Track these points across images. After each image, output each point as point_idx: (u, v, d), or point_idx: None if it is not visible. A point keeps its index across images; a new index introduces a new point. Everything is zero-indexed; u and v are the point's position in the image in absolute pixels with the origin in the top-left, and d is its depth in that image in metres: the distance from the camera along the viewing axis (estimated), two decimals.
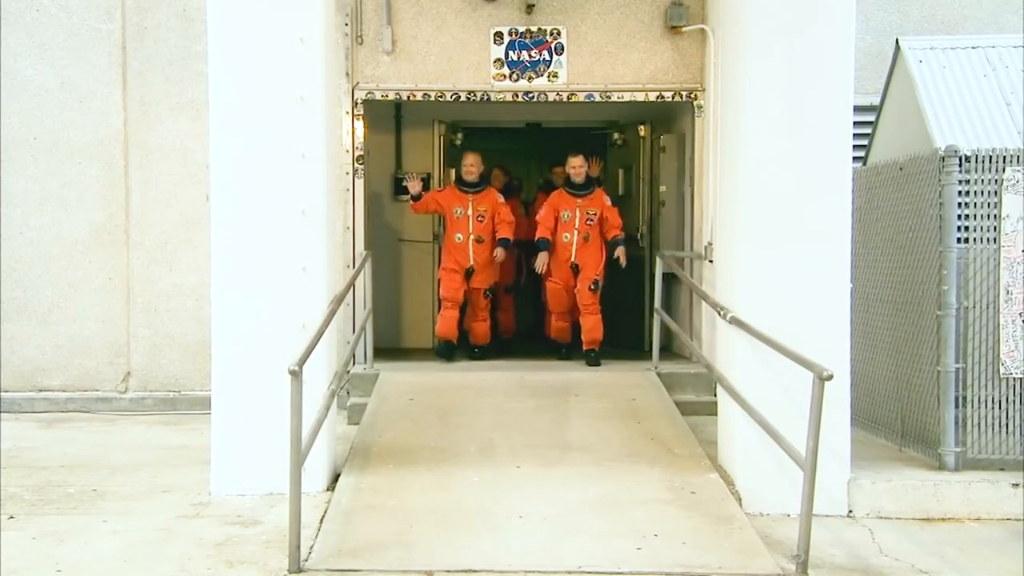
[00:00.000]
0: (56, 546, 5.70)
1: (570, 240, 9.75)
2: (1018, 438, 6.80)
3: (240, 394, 6.55)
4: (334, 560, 5.43)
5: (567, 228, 9.75)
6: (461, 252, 9.75)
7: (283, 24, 6.59)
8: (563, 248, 9.79)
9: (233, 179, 6.61)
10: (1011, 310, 6.81)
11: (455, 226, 9.76)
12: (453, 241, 9.77)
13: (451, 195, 9.83)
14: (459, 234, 9.72)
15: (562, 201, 9.81)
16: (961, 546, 5.97)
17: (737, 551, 5.63)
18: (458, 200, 9.76)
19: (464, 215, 9.71)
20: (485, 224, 9.76)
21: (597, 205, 9.76)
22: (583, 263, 9.76)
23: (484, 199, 9.80)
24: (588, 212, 9.72)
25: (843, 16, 6.48)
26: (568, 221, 9.73)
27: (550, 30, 8.86)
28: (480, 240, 9.73)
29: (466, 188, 9.79)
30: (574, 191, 9.76)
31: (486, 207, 9.76)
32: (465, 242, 9.71)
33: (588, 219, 9.74)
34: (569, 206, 9.73)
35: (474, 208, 9.71)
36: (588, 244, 9.75)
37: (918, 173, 7.09)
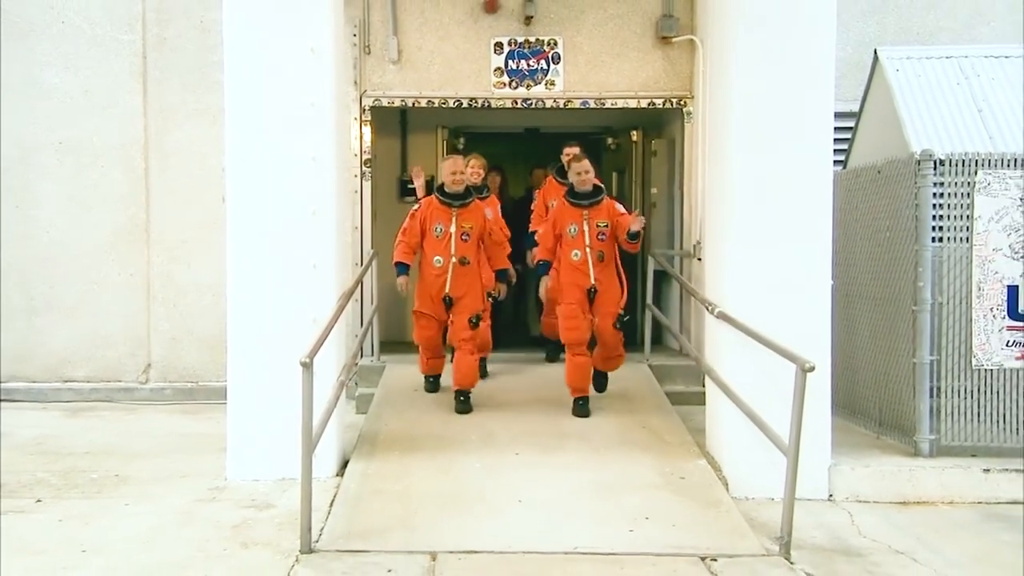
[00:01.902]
0: (81, 528, 5.71)
1: (581, 259, 7.67)
2: (989, 426, 6.81)
3: (254, 385, 6.55)
4: (343, 541, 5.44)
5: (575, 245, 7.69)
6: (439, 280, 7.72)
7: (295, 35, 6.58)
8: (573, 270, 7.70)
9: (248, 181, 6.60)
10: (983, 305, 6.81)
11: (434, 247, 7.72)
12: (430, 266, 7.73)
13: (428, 210, 7.78)
14: (438, 257, 7.70)
15: (566, 214, 7.79)
16: (935, 528, 5.98)
17: (724, 533, 5.64)
18: (438, 215, 7.72)
19: (445, 233, 7.70)
20: (470, 244, 7.77)
21: (607, 215, 7.70)
22: (601, 288, 7.69)
23: (470, 214, 7.78)
24: (598, 225, 7.66)
25: (824, 27, 6.48)
26: (576, 237, 7.68)
27: (547, 40, 8.86)
28: (464, 262, 7.71)
29: (448, 200, 7.74)
30: (577, 200, 7.75)
31: (472, 223, 7.77)
32: (445, 267, 7.69)
33: (600, 233, 7.67)
34: (574, 218, 7.71)
35: (458, 224, 7.70)
36: (604, 265, 7.69)
37: (895, 176, 7.10)
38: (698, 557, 5.26)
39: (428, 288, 7.78)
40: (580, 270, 7.68)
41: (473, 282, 7.83)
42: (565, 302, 7.73)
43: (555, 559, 5.20)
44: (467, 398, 7.76)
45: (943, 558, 5.46)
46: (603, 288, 7.69)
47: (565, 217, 7.78)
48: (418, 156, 11.01)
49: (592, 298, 7.67)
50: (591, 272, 7.65)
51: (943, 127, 7.13)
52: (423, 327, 7.90)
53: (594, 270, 7.65)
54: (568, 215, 7.76)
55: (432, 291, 7.76)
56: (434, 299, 7.75)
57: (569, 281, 7.74)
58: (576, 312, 7.66)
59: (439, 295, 7.73)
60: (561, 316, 7.79)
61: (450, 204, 7.75)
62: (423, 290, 7.82)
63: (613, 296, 7.73)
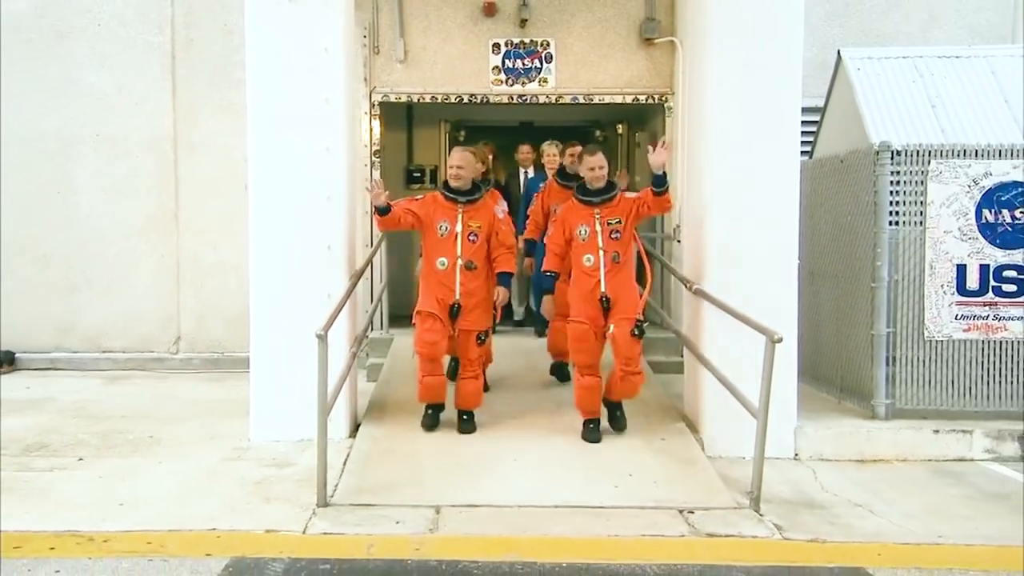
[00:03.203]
0: (119, 483, 5.73)
1: (594, 264, 6.30)
2: (939, 392, 6.83)
3: (274, 355, 6.56)
4: (356, 496, 5.46)
5: (588, 249, 6.33)
6: (445, 284, 6.36)
7: (310, 37, 6.56)
8: (585, 278, 6.35)
9: (268, 171, 6.59)
10: (934, 283, 6.82)
11: (437, 247, 6.40)
12: (434, 268, 6.39)
13: (433, 205, 6.47)
14: (443, 258, 6.36)
15: (574, 214, 6.44)
16: (890, 483, 6.02)
17: (700, 489, 5.66)
18: (443, 212, 6.42)
19: (450, 232, 6.38)
20: (479, 246, 6.42)
21: (622, 212, 6.38)
22: (616, 295, 6.30)
23: (479, 212, 6.47)
24: (610, 223, 6.33)
25: (792, 31, 6.47)
26: (588, 240, 6.33)
27: (541, 42, 8.81)
28: (471, 266, 6.37)
29: (454, 196, 6.45)
30: (588, 198, 6.42)
31: (480, 222, 6.45)
32: (451, 269, 6.35)
33: (613, 232, 6.32)
34: (585, 219, 6.37)
35: (464, 223, 6.39)
36: (620, 268, 6.34)
37: (856, 165, 7.09)
38: (677, 510, 5.28)
39: (434, 291, 6.40)
40: (592, 277, 6.31)
41: (482, 292, 6.48)
42: (575, 319, 6.39)
43: (547, 512, 5.22)
44: (471, 418, 6.59)
45: (897, 510, 5.49)
46: (618, 294, 6.30)
47: (574, 217, 6.43)
48: (422, 147, 11.07)
49: (607, 307, 6.30)
50: (603, 279, 6.29)
51: (900, 121, 7.11)
52: (428, 329, 6.31)
53: (607, 276, 6.29)
54: (577, 215, 6.42)
55: (439, 294, 6.38)
56: (441, 303, 6.37)
57: (580, 292, 6.37)
58: (588, 333, 6.32)
59: (447, 300, 6.38)
60: (572, 334, 6.42)
61: (456, 200, 6.43)
62: (428, 291, 6.42)
63: (630, 301, 6.34)
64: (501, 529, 4.99)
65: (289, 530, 4.97)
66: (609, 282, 6.30)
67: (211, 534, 4.90)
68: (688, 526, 5.09)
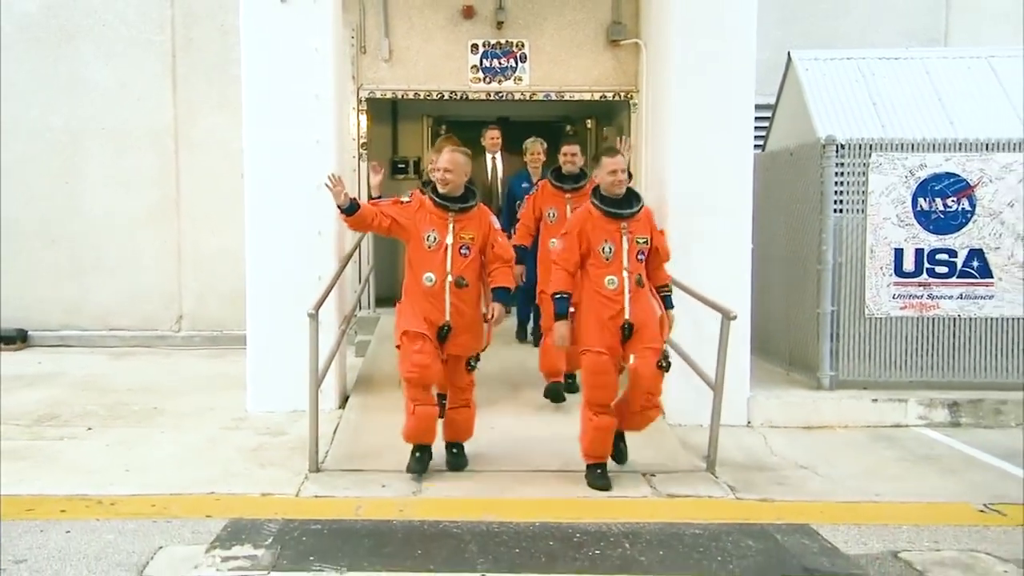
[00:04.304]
0: (125, 451, 5.71)
1: (617, 287, 5.00)
2: (878, 364, 6.90)
3: (269, 333, 6.53)
4: (345, 462, 5.46)
5: (611, 269, 5.02)
6: (432, 303, 5.08)
7: (301, 37, 6.52)
8: (605, 303, 5.03)
9: (262, 162, 6.56)
10: (874, 265, 6.87)
11: (424, 261, 5.10)
12: (420, 285, 5.10)
13: (420, 212, 5.15)
14: (430, 273, 5.06)
15: (596, 228, 5.06)
16: (833, 448, 6.08)
17: (662, 453, 5.69)
18: (431, 221, 5.12)
19: (439, 244, 5.08)
20: (471, 260, 5.13)
21: (647, 229, 5.16)
22: (639, 321, 5.05)
23: (472, 221, 5.16)
24: (638, 241, 5.07)
25: (746, 33, 6.48)
26: (611, 259, 5.02)
27: (516, 42, 8.75)
28: (462, 283, 5.09)
29: (444, 204, 5.11)
30: (615, 210, 5.06)
31: (474, 233, 5.14)
32: (439, 286, 5.06)
33: (640, 252, 5.08)
34: (610, 234, 5.04)
35: (456, 234, 5.09)
36: (643, 292, 5.15)
37: (805, 158, 7.12)
38: (640, 473, 5.33)
39: (421, 309, 5.10)
40: (615, 302, 5.00)
41: (474, 313, 5.21)
42: (593, 349, 5.03)
43: (523, 475, 5.25)
44: (462, 451, 5.41)
45: (839, 471, 5.55)
46: (641, 320, 5.05)
47: (597, 231, 5.05)
48: (407, 140, 10.98)
49: (628, 335, 5.06)
50: (627, 304, 5.01)
51: (844, 117, 7.13)
52: (418, 351, 4.98)
53: (631, 302, 5.02)
54: (600, 229, 5.05)
55: (426, 313, 5.08)
56: (430, 324, 5.07)
57: (598, 318, 5.03)
58: (607, 365, 5.02)
59: (435, 321, 5.08)
60: (589, 367, 5.08)
61: (446, 208, 5.11)
62: (414, 309, 5.12)
63: (654, 328, 5.12)
64: (479, 492, 5.01)
65: (283, 493, 4.97)
66: (633, 307, 5.02)
67: (211, 497, 4.89)
68: (651, 488, 5.13)
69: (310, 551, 4.16)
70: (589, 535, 4.38)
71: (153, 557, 4.11)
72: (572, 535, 4.40)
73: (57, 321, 9.51)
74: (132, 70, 9.47)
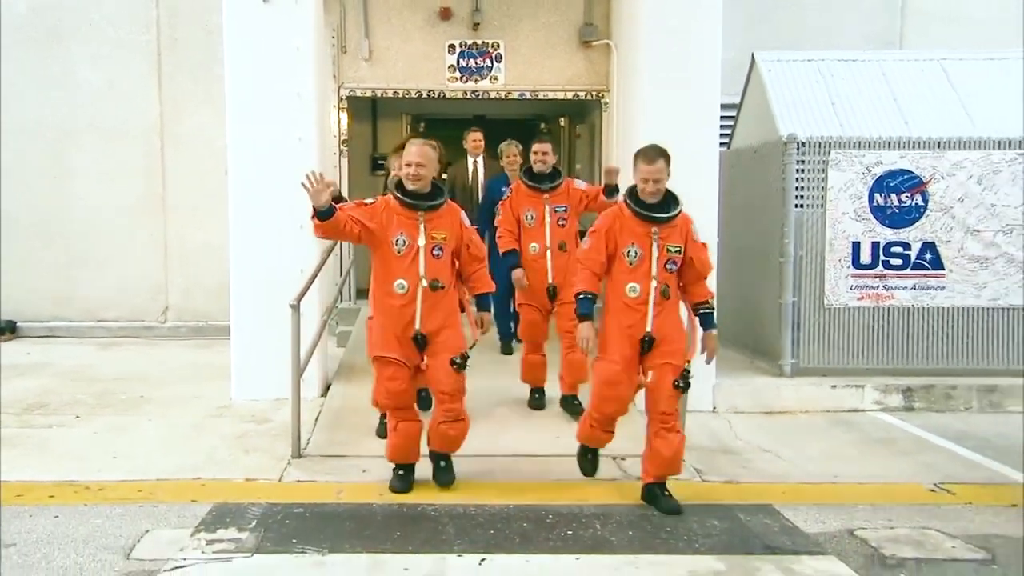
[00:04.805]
0: (112, 438, 5.67)
1: (639, 296, 4.45)
2: (836, 352, 6.95)
3: (253, 323, 6.49)
4: (326, 448, 5.45)
5: (635, 276, 4.46)
6: (403, 314, 4.54)
7: (283, 37, 6.47)
8: (626, 311, 4.50)
9: (246, 158, 6.51)
10: (833, 257, 6.92)
11: (395, 267, 4.53)
12: (390, 294, 4.54)
13: (386, 214, 4.54)
14: (402, 280, 4.51)
15: (625, 229, 4.50)
16: (794, 432, 6.14)
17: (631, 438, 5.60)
18: (399, 222, 4.53)
19: (410, 247, 4.51)
20: (443, 261, 4.60)
21: (681, 238, 4.52)
22: (661, 335, 4.48)
23: (443, 220, 4.61)
24: (669, 249, 4.47)
25: (712, 35, 6.50)
26: (637, 265, 4.46)
27: (491, 43, 8.73)
28: (437, 286, 4.53)
29: (413, 202, 4.54)
30: (646, 212, 4.47)
31: (446, 232, 4.60)
32: (411, 293, 4.50)
33: (670, 262, 4.47)
34: (639, 238, 4.47)
35: (427, 235, 4.52)
36: (668, 304, 4.53)
37: (768, 155, 7.16)
38: (611, 457, 5.30)
39: (391, 324, 4.56)
40: (636, 312, 4.47)
41: (450, 312, 4.67)
42: (607, 358, 4.54)
43: (497, 460, 5.24)
44: (449, 464, 4.84)
45: (800, 454, 5.61)
46: (664, 335, 4.48)
47: (625, 232, 4.49)
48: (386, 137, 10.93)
49: (647, 349, 4.49)
50: (650, 315, 4.45)
51: (805, 116, 7.17)
52: (390, 378, 4.58)
53: (654, 313, 4.46)
54: (629, 231, 4.49)
55: (397, 328, 4.55)
56: (401, 339, 4.56)
57: (618, 325, 4.52)
58: (619, 377, 4.51)
59: (407, 332, 4.55)
60: (598, 377, 4.60)
61: (415, 206, 4.54)
62: (384, 328, 4.62)
63: (677, 343, 4.53)
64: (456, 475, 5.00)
65: (266, 478, 4.95)
66: (656, 320, 4.46)
67: (196, 482, 4.87)
68: (621, 471, 5.16)
69: (293, 534, 4.15)
70: (561, 516, 4.40)
71: (140, 540, 4.09)
72: (545, 516, 4.41)
73: (46, 312, 9.39)
74: (119, 69, 9.37)
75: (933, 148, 6.87)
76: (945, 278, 6.92)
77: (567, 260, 5.78)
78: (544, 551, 4.00)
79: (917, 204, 6.90)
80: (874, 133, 6.98)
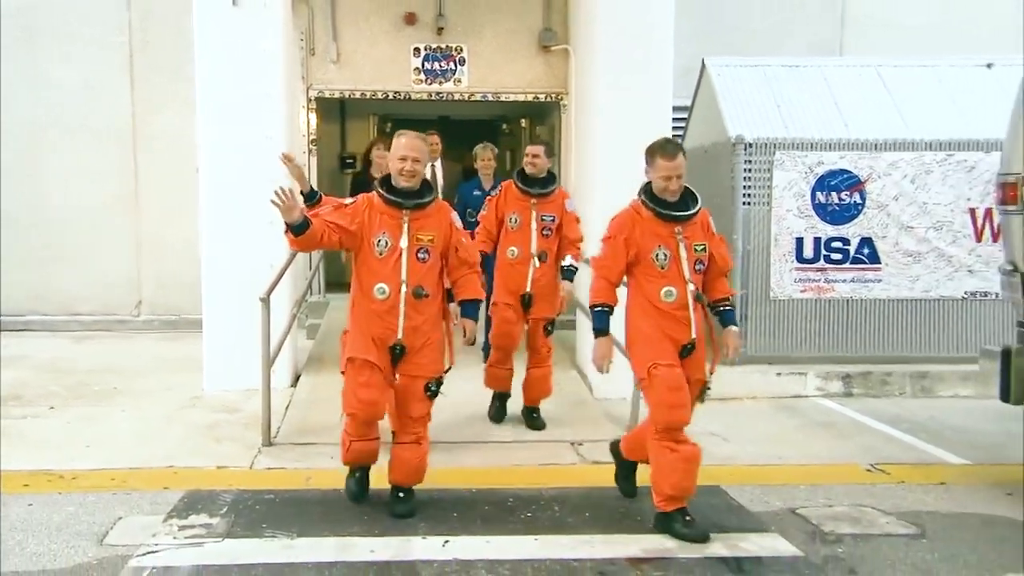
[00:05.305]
0: (86, 428, 5.58)
1: (677, 300, 3.97)
2: (781, 341, 7.04)
3: (225, 316, 6.40)
4: (296, 436, 5.40)
5: (669, 279, 3.97)
6: (384, 319, 4.02)
7: (252, 39, 6.39)
8: (665, 319, 4.00)
9: (216, 156, 6.43)
10: (778, 252, 7.01)
11: (376, 270, 4.02)
12: (370, 298, 4.03)
13: (368, 213, 4.04)
14: (382, 284, 3.99)
15: (647, 229, 4.02)
16: (741, 417, 6.20)
17: (589, 424, 5.74)
18: (382, 222, 4.02)
19: (393, 249, 4.00)
20: (431, 266, 4.08)
21: (703, 235, 4.12)
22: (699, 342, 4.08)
23: (430, 220, 4.09)
24: (696, 248, 4.04)
25: (664, 41, 6.55)
26: (667, 267, 3.98)
27: (455, 47, 8.68)
28: (421, 294, 4.02)
29: (398, 200, 4.02)
30: (669, 211, 4.02)
31: (432, 234, 4.07)
32: (393, 299, 3.99)
33: (698, 262, 4.05)
34: (664, 239, 4.00)
35: (412, 236, 4.01)
36: (700, 308, 4.09)
37: (717, 155, 7.23)
38: (569, 443, 5.37)
39: (369, 328, 4.05)
40: (676, 318, 3.98)
41: (434, 327, 4.13)
42: (662, 362, 3.97)
43: (464, 446, 5.25)
44: (409, 496, 4.22)
45: (746, 438, 5.67)
46: (700, 342, 4.09)
47: (647, 235, 4.01)
48: (354, 137, 10.85)
49: (685, 356, 4.04)
50: (692, 320, 4.00)
51: (752, 118, 7.24)
52: (364, 384, 4.01)
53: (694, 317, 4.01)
54: (651, 232, 4.01)
55: (376, 332, 4.03)
56: (379, 344, 4.04)
57: (659, 330, 4.00)
58: (682, 380, 3.98)
59: (386, 340, 4.03)
60: (660, 385, 3.95)
61: (400, 205, 4.01)
62: (361, 331, 4.07)
63: (701, 352, 4.13)
64: None
65: (238, 466, 4.90)
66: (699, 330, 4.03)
67: (168, 470, 4.80)
68: (578, 456, 5.18)
69: (263, 519, 4.11)
70: (522, 500, 4.40)
71: (113, 527, 4.02)
72: (506, 500, 4.42)
73: (22, 306, 9.16)
74: (92, 69, 9.17)
75: (870, 149, 6.99)
76: (881, 271, 7.04)
77: (546, 272, 5.41)
78: (505, 532, 4.01)
79: (856, 202, 7.00)
80: (816, 135, 7.07)
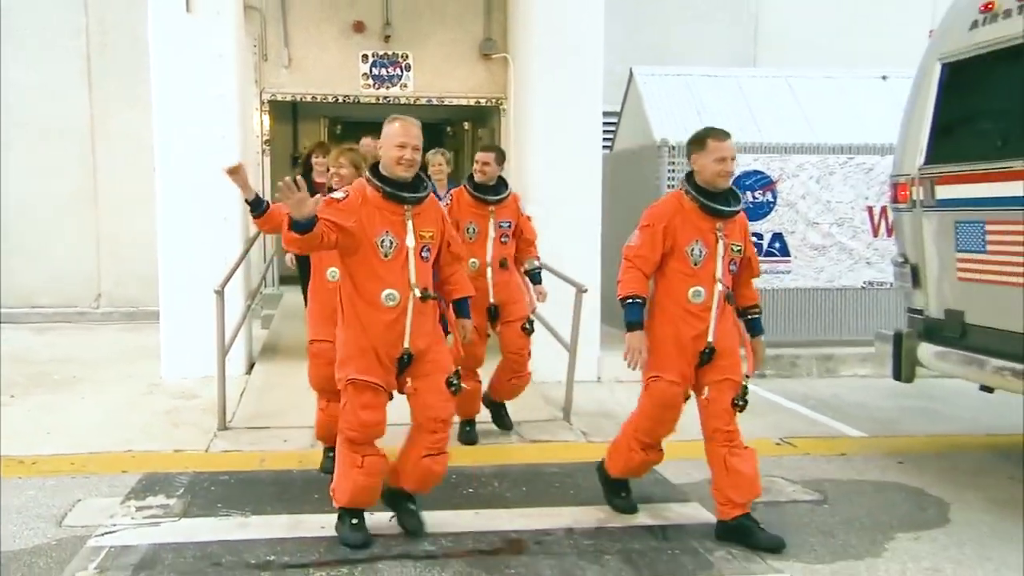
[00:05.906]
0: (46, 416, 5.43)
1: (704, 302, 3.54)
2: None
3: (181, 308, 6.29)
4: (250, 421, 5.34)
5: (700, 278, 3.53)
6: (392, 330, 3.36)
7: (206, 44, 6.29)
8: (689, 318, 3.55)
9: (172, 155, 6.32)
10: None
11: (380, 274, 3.32)
12: (375, 307, 3.34)
13: (365, 208, 3.31)
14: (391, 290, 3.32)
15: (688, 220, 3.56)
16: None
17: (527, 406, 5.72)
18: (382, 219, 3.32)
19: (399, 249, 3.33)
20: (429, 264, 3.47)
21: (741, 235, 3.67)
22: (722, 346, 3.59)
23: (428, 213, 3.45)
24: (733, 249, 3.60)
25: (594, 50, 6.63)
26: (701, 264, 3.53)
27: (401, 54, 8.62)
28: (428, 296, 3.41)
29: (399, 194, 3.35)
30: (713, 205, 3.55)
31: (432, 229, 3.45)
32: (402, 306, 3.34)
33: (733, 262, 3.63)
34: (703, 234, 3.54)
35: (416, 233, 3.37)
36: (730, 311, 3.65)
37: (644, 157, 7.32)
38: None
39: (372, 341, 3.36)
40: (699, 320, 3.55)
41: (435, 324, 3.54)
42: (665, 376, 3.61)
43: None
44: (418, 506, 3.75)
45: None
46: (724, 346, 3.60)
47: (687, 227, 3.55)
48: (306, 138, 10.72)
49: (706, 361, 3.59)
50: (713, 323, 3.55)
51: (675, 123, 7.31)
52: (365, 406, 3.40)
53: (717, 321, 3.56)
54: (692, 225, 3.55)
55: (380, 346, 3.37)
56: (383, 359, 3.39)
57: (677, 337, 3.57)
58: (678, 400, 3.65)
59: (392, 352, 3.39)
60: (654, 397, 3.68)
61: (401, 199, 3.37)
62: (363, 348, 3.37)
63: (735, 356, 3.64)
64: None
65: (194, 449, 4.82)
66: (718, 328, 3.56)
67: (127, 454, 4.71)
68: (518, 435, 5.21)
69: (218, 499, 4.06)
70: (464, 476, 4.41)
71: (72, 509, 3.93)
72: (449, 477, 4.35)
73: None
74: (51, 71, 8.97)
75: (781, 152, 7.16)
76: (791, 263, 7.23)
77: (509, 278, 4.96)
78: (448, 507, 4.02)
79: (768, 200, 7.18)
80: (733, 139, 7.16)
